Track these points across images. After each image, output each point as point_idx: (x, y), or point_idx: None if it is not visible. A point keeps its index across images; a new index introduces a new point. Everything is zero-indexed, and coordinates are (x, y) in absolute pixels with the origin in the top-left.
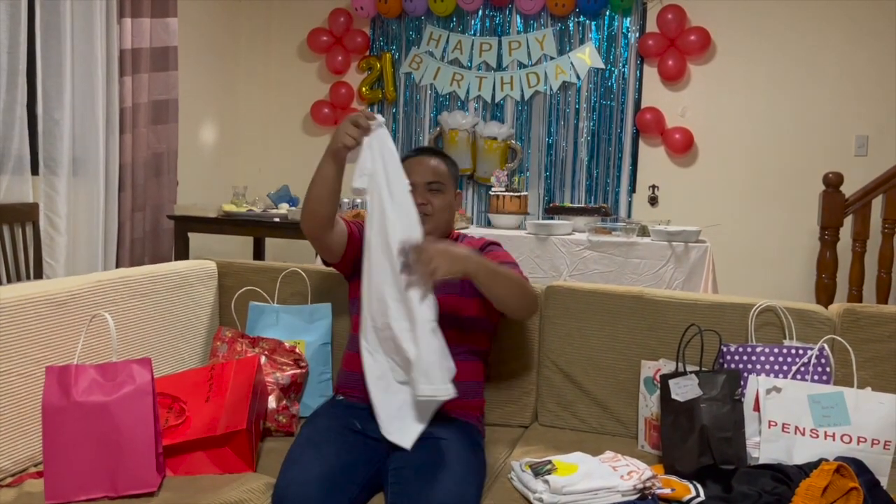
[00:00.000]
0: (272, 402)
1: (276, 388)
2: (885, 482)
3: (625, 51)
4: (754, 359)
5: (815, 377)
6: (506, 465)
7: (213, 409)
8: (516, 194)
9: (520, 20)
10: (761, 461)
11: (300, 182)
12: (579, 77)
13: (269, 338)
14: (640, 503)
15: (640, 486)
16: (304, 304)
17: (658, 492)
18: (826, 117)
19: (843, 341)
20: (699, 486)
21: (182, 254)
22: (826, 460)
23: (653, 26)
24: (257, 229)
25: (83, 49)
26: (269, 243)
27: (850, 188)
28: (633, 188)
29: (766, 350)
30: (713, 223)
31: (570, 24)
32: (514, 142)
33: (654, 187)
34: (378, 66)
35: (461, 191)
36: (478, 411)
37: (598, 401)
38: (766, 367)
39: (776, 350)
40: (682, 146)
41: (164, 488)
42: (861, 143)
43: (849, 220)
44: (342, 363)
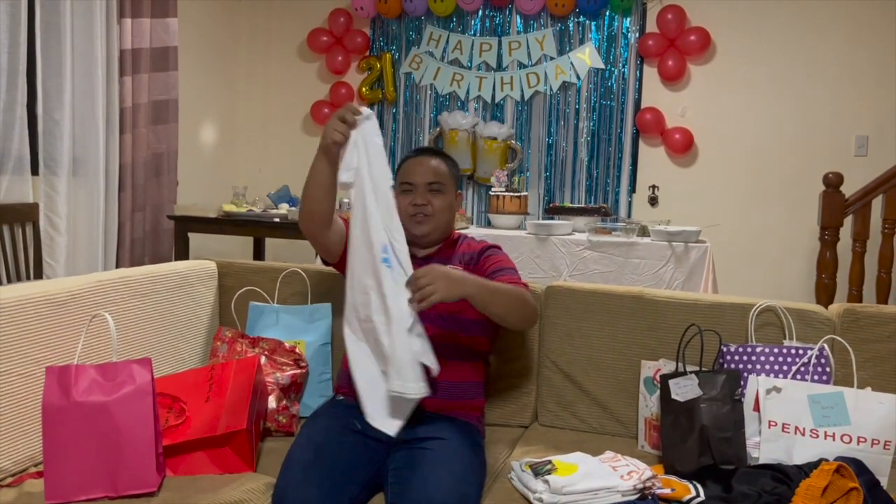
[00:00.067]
0: (272, 402)
1: (276, 388)
2: (885, 482)
3: (625, 51)
4: (754, 359)
5: (815, 377)
6: (506, 465)
7: (213, 409)
8: (516, 194)
9: (520, 20)
10: (761, 461)
11: (300, 182)
12: (579, 77)
13: (269, 338)
14: (640, 503)
15: (640, 486)
16: (304, 305)
17: (658, 492)
18: (826, 117)
19: (843, 341)
20: (699, 486)
21: (182, 254)
22: (826, 460)
23: (653, 26)
24: (257, 229)
25: (83, 49)
26: (269, 243)
27: (850, 188)
28: (633, 188)
29: (766, 350)
30: (713, 223)
31: (570, 25)
32: (514, 142)
33: (654, 187)
34: (378, 66)
35: (462, 191)
36: (478, 411)
37: (598, 401)
38: (766, 367)
39: (776, 350)
40: (682, 146)
41: (164, 488)
42: (861, 143)
43: (849, 221)
44: (342, 363)
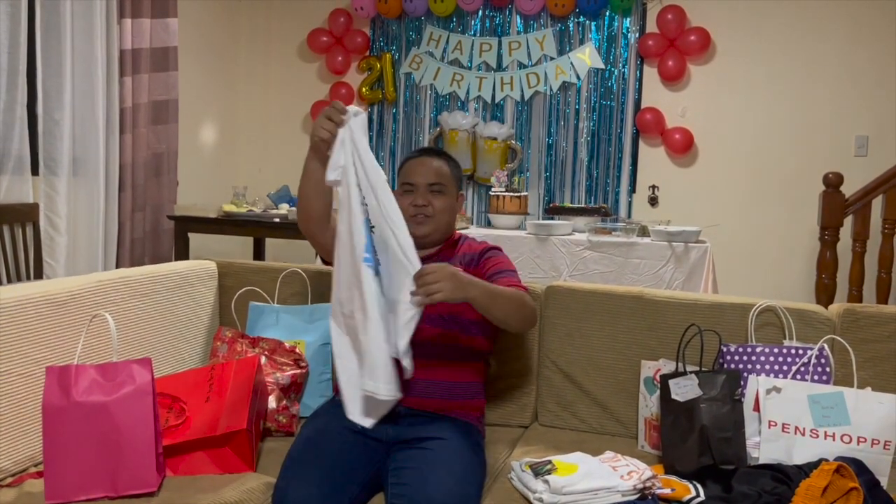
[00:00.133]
0: (272, 402)
1: (276, 388)
2: (885, 482)
3: (625, 51)
4: (754, 359)
5: (815, 377)
6: (506, 465)
7: (213, 409)
8: (516, 194)
9: (520, 20)
10: (761, 461)
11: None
12: (579, 77)
13: (269, 338)
14: (640, 503)
15: (640, 486)
16: (304, 305)
17: (658, 492)
18: (826, 117)
19: (842, 341)
20: (699, 486)
21: (182, 254)
22: (826, 460)
23: (653, 27)
24: (257, 229)
25: (83, 49)
26: (269, 243)
27: (850, 188)
28: (633, 188)
29: (766, 350)
30: (713, 223)
31: (570, 25)
32: (514, 142)
33: (654, 187)
34: (378, 66)
35: (463, 192)
36: (478, 411)
37: (598, 401)
38: (766, 367)
39: (776, 350)
40: (682, 146)
41: (164, 488)
42: (861, 143)
43: (849, 221)
44: None
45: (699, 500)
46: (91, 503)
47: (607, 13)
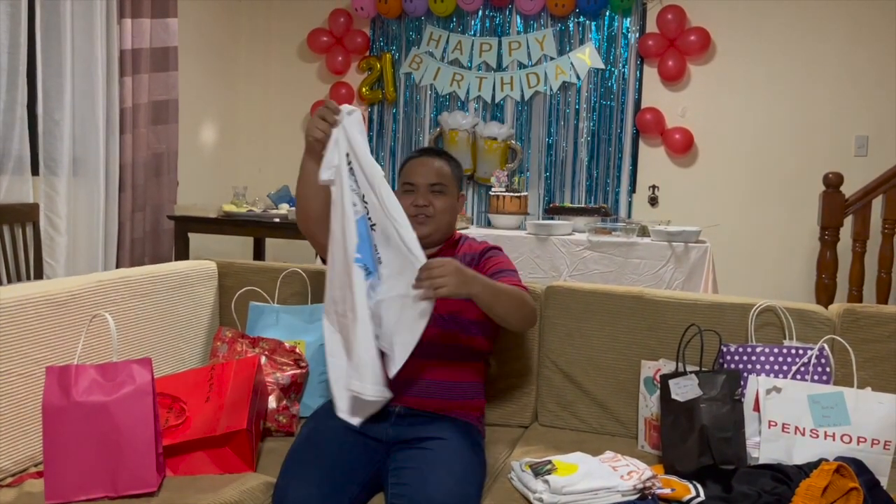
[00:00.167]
0: (272, 402)
1: (276, 388)
2: (885, 482)
3: (625, 51)
4: (754, 359)
5: (815, 377)
6: (506, 465)
7: (213, 409)
8: (516, 194)
9: (520, 20)
10: (761, 461)
11: None
12: (579, 77)
13: (269, 338)
14: (640, 503)
15: (640, 486)
16: (304, 305)
17: (658, 492)
18: (826, 117)
19: (842, 341)
20: (699, 486)
21: (182, 254)
22: (826, 460)
23: (653, 27)
24: (257, 229)
25: (83, 49)
26: (269, 243)
27: (850, 188)
28: (633, 188)
29: (766, 350)
30: (713, 223)
31: (570, 25)
32: (514, 142)
33: (654, 187)
34: (378, 66)
35: (464, 193)
36: (478, 411)
37: (598, 401)
38: (766, 367)
39: (776, 350)
40: (682, 146)
41: (164, 488)
42: (861, 143)
43: (849, 221)
44: None
45: (699, 500)
46: (91, 503)
47: (607, 13)
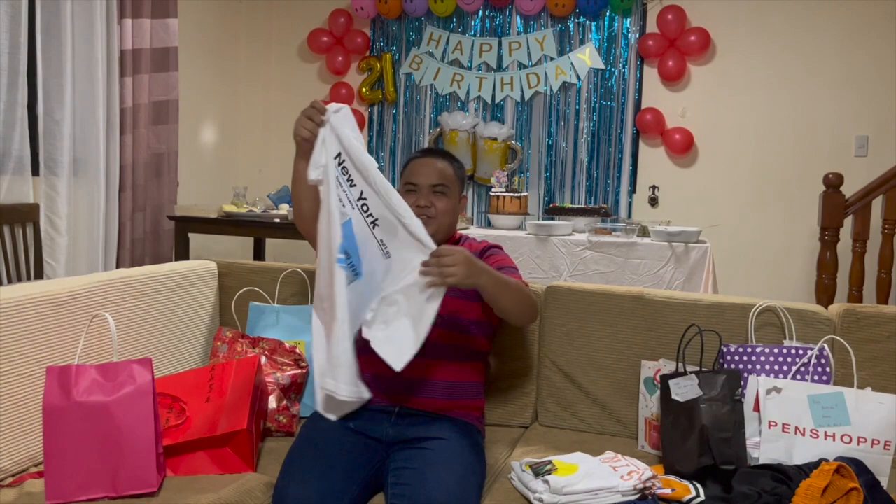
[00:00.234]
0: (272, 403)
1: (276, 388)
2: (885, 482)
3: (625, 51)
4: (754, 359)
5: (815, 377)
6: (506, 465)
7: (213, 409)
8: (516, 195)
9: (520, 21)
10: (761, 461)
11: None
12: (579, 77)
13: (269, 338)
14: (640, 503)
15: (641, 486)
16: (305, 305)
17: (658, 492)
18: (826, 118)
19: (843, 341)
20: (699, 487)
21: (182, 254)
22: (826, 460)
23: (653, 27)
24: (257, 230)
25: (84, 50)
26: (270, 244)
27: (850, 188)
28: (633, 189)
29: (766, 350)
30: (713, 223)
31: (570, 25)
32: (514, 142)
33: (654, 188)
34: (378, 66)
35: (466, 195)
36: (478, 411)
37: (599, 401)
38: (766, 367)
39: (776, 350)
40: (682, 147)
41: (164, 488)
42: (861, 143)
43: (849, 221)
44: None
45: (699, 500)
46: (91, 503)
47: (607, 13)
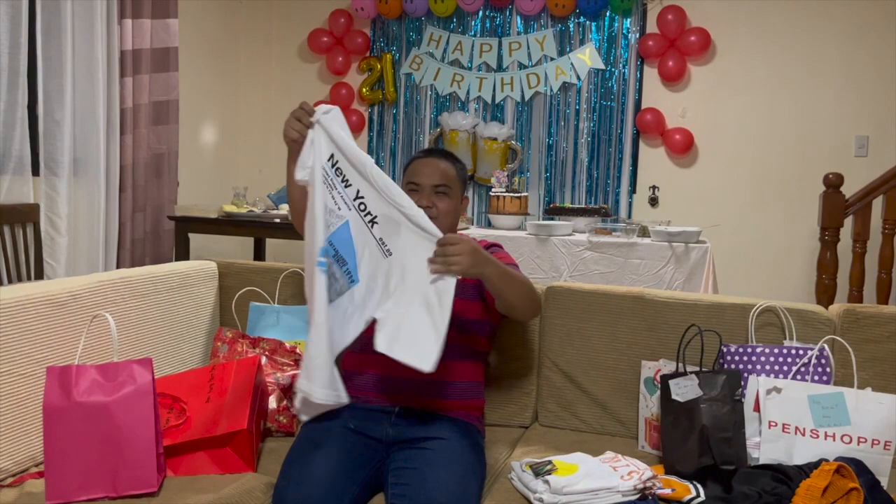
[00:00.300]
0: (273, 403)
1: (276, 388)
2: (885, 482)
3: (625, 51)
4: (754, 359)
5: (816, 377)
6: (506, 465)
7: (213, 409)
8: (517, 195)
9: (520, 21)
10: (761, 461)
11: None
12: (579, 78)
13: (269, 338)
14: (640, 503)
15: (641, 486)
16: (305, 305)
17: (658, 492)
18: (826, 118)
19: (843, 342)
20: (699, 487)
21: (182, 254)
22: (826, 460)
23: (653, 27)
24: (258, 230)
25: (84, 50)
26: (270, 244)
27: (850, 189)
28: (633, 189)
29: (767, 350)
30: (713, 224)
31: (571, 25)
32: (514, 142)
33: (654, 188)
34: (378, 66)
35: (468, 196)
36: (478, 411)
37: (599, 401)
38: (767, 367)
39: (776, 350)
40: (683, 147)
41: (164, 488)
42: (861, 143)
43: (849, 221)
44: (341, 364)
45: (699, 500)
46: (92, 503)
47: (607, 14)
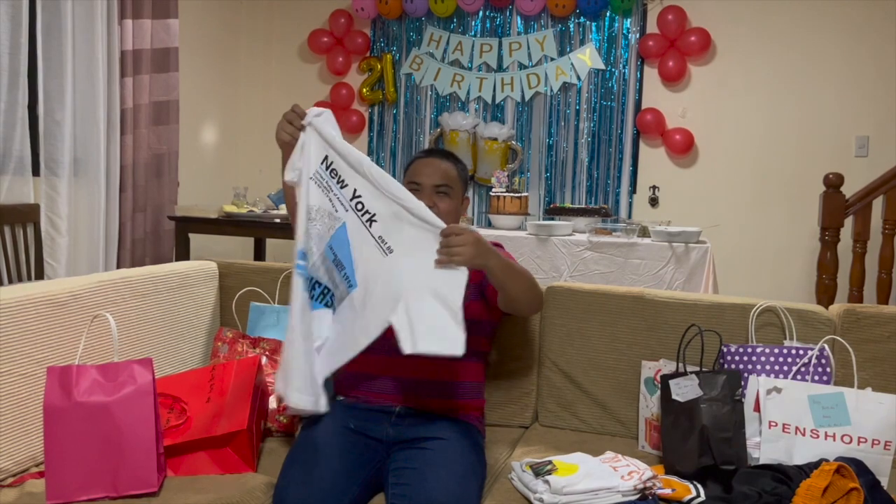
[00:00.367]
0: (273, 403)
1: None
2: (885, 482)
3: (625, 52)
4: (755, 359)
5: (816, 377)
6: (506, 465)
7: (213, 409)
8: (517, 195)
9: (520, 21)
10: (762, 461)
11: None
12: (580, 78)
13: (269, 338)
14: (640, 503)
15: (641, 486)
16: None
17: (658, 492)
18: (826, 118)
19: (843, 342)
20: (699, 487)
21: (183, 254)
22: (826, 460)
23: (653, 27)
24: (258, 230)
25: (84, 50)
26: (270, 244)
27: (850, 189)
28: (633, 189)
29: (767, 350)
30: (713, 224)
31: (571, 25)
32: (514, 143)
33: (654, 188)
34: (379, 67)
35: (468, 196)
36: (478, 411)
37: (599, 401)
38: (767, 367)
39: (776, 350)
40: (683, 147)
41: (164, 488)
42: (861, 143)
43: (849, 221)
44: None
45: (699, 500)
46: (92, 503)
47: (608, 14)
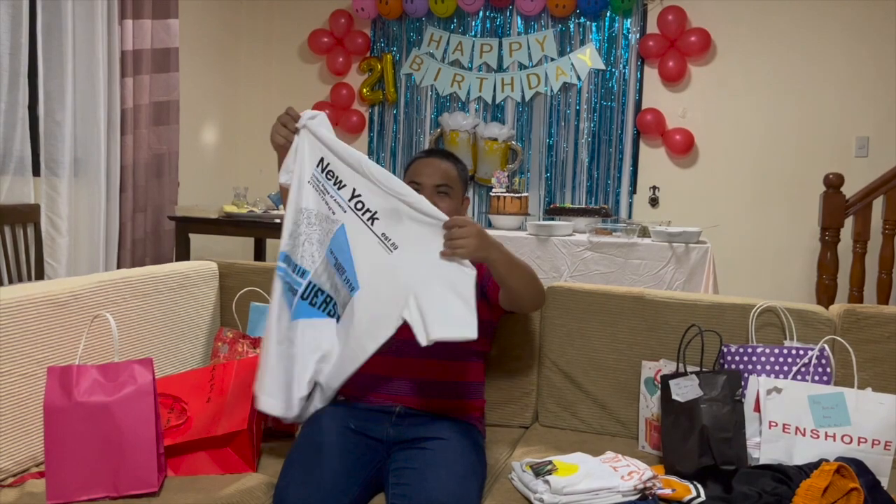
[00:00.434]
0: None
1: None
2: (885, 482)
3: (625, 52)
4: (755, 359)
5: (816, 378)
6: (506, 465)
7: (213, 409)
8: (517, 195)
9: (520, 21)
10: (762, 461)
11: None
12: (580, 78)
13: None
14: (640, 503)
15: (641, 486)
16: None
17: (658, 492)
18: (826, 118)
19: (843, 342)
20: (699, 487)
21: (183, 255)
22: (826, 461)
23: (653, 27)
24: (258, 230)
25: (84, 50)
26: (270, 244)
27: (850, 189)
28: (633, 189)
29: (767, 350)
30: (714, 224)
31: (571, 26)
32: (514, 143)
33: (654, 188)
34: (379, 67)
35: (468, 196)
36: (478, 411)
37: (599, 401)
38: (767, 367)
39: (777, 350)
40: (683, 147)
41: (165, 488)
42: (862, 143)
43: (849, 221)
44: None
45: (700, 500)
46: (92, 503)
47: (608, 14)
